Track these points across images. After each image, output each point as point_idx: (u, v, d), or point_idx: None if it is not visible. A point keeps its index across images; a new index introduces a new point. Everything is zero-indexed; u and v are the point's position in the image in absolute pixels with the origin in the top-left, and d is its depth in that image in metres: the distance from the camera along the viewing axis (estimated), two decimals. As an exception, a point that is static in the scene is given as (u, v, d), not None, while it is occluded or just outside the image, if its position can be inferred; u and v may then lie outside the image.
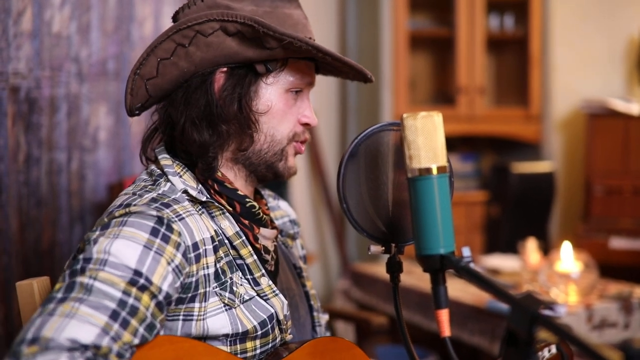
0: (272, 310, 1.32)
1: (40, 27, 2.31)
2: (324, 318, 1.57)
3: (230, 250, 1.33)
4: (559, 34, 4.37)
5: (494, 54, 4.54)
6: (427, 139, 1.10)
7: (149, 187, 1.32)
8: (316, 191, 4.25)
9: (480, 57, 4.11)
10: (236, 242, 1.33)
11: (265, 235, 1.40)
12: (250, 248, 1.35)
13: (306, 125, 1.41)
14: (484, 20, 4.14)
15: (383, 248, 1.28)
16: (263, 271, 1.36)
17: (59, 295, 1.11)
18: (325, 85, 4.16)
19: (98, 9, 2.63)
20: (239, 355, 1.28)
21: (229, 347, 1.27)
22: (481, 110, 4.15)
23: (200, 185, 1.35)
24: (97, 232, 1.21)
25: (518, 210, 4.03)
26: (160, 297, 1.17)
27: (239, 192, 1.37)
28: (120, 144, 2.80)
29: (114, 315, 1.10)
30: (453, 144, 4.27)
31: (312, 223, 4.24)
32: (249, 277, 1.33)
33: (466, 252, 1.09)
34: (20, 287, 1.34)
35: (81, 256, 1.17)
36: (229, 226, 1.34)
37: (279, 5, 1.35)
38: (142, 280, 1.15)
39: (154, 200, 1.26)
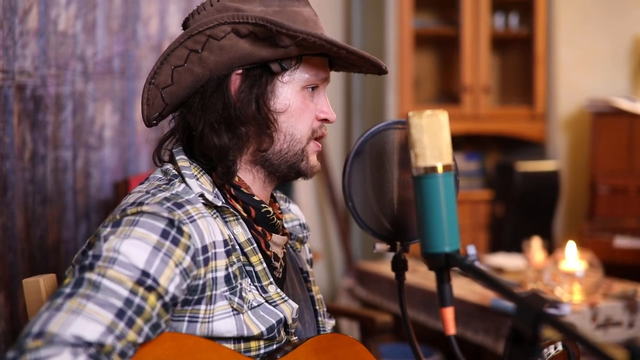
0: (282, 315, 1.32)
1: (46, 25, 2.32)
2: (329, 323, 1.56)
3: (241, 257, 1.33)
4: (563, 33, 4.36)
5: (499, 53, 4.54)
6: (433, 137, 1.10)
7: (163, 186, 1.31)
8: (321, 189, 4.25)
9: (484, 56, 4.11)
10: (247, 249, 1.33)
11: (276, 242, 1.40)
12: (260, 256, 1.35)
13: (324, 120, 1.41)
14: (489, 19, 4.13)
15: (388, 246, 1.28)
16: (271, 279, 1.36)
17: (67, 290, 1.12)
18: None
19: (104, 7, 2.64)
20: (242, 353, 1.29)
21: (233, 345, 1.28)
22: (486, 109, 4.15)
23: (216, 189, 1.35)
24: (108, 229, 1.21)
25: (522, 209, 4.03)
26: (167, 299, 1.17)
27: (255, 198, 1.37)
28: (125, 142, 2.80)
29: (120, 314, 1.10)
30: (457, 142, 4.27)
31: (316, 221, 4.25)
32: (257, 284, 1.33)
33: (471, 250, 1.10)
34: (27, 284, 1.34)
35: (91, 252, 1.18)
36: (242, 232, 1.34)
37: (287, 4, 1.34)
38: (149, 281, 1.15)
39: (166, 199, 1.26)
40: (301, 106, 1.37)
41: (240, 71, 1.33)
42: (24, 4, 2.21)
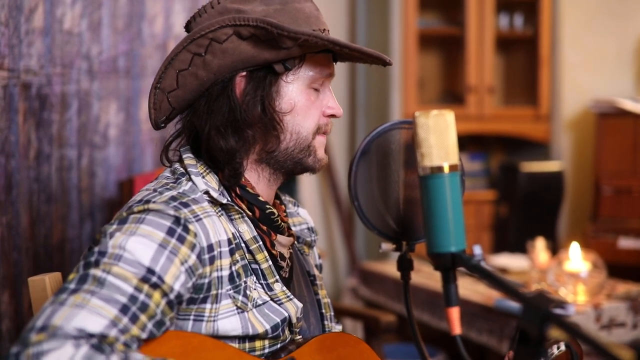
0: (286, 314, 1.32)
1: (51, 24, 2.32)
2: (336, 328, 1.56)
3: (246, 254, 1.33)
4: (568, 33, 4.36)
5: (504, 54, 4.54)
6: (439, 137, 1.10)
7: (170, 184, 1.32)
8: (325, 189, 4.25)
9: (489, 56, 4.10)
10: (253, 247, 1.33)
11: (282, 242, 1.40)
12: (266, 253, 1.35)
13: (331, 116, 1.41)
14: (494, 19, 4.13)
15: (394, 246, 1.28)
16: (277, 277, 1.36)
17: (72, 286, 1.12)
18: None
19: (109, 6, 2.64)
20: (246, 352, 1.29)
21: (238, 345, 1.28)
22: (490, 110, 4.14)
23: (222, 187, 1.35)
24: (115, 226, 1.21)
25: (526, 210, 4.02)
26: (172, 296, 1.18)
27: (260, 198, 1.37)
28: (130, 141, 2.81)
29: (124, 309, 1.10)
30: (462, 143, 4.22)
31: (321, 221, 4.25)
32: (262, 282, 1.33)
33: (477, 250, 1.10)
34: (32, 282, 1.34)
35: (96, 249, 1.18)
36: (247, 230, 1.34)
37: (288, 0, 1.34)
38: (154, 278, 1.15)
39: (173, 198, 1.26)
40: (307, 104, 1.37)
41: (244, 73, 1.33)
42: (30, 2, 2.21)
